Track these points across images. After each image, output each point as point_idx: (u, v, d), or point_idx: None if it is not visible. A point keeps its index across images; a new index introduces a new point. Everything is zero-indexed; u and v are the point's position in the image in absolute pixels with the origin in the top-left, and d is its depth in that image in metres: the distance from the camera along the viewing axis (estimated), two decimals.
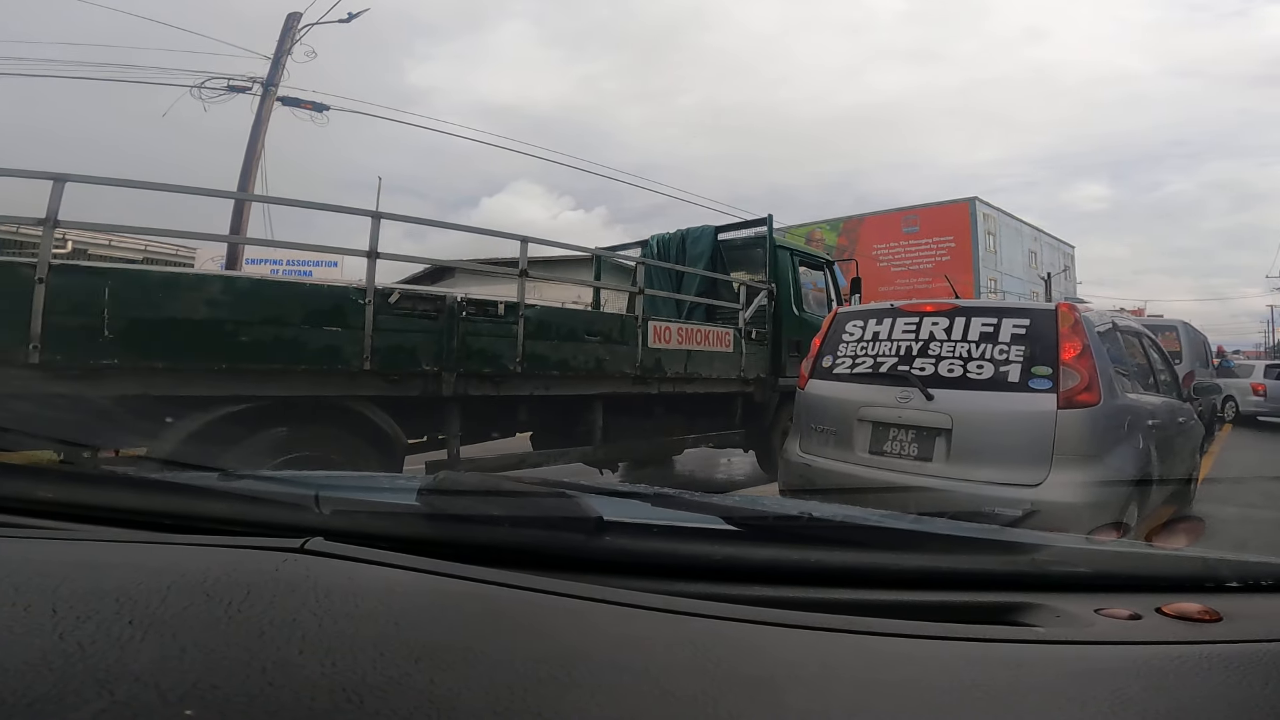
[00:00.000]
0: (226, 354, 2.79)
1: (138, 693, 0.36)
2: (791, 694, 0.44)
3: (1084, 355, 2.72)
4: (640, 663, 0.46)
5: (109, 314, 2.55)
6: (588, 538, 0.67)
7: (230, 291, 2.89)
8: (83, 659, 0.38)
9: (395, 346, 3.25)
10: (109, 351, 2.55)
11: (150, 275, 2.95)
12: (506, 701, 0.39)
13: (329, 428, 3.12)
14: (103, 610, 0.44)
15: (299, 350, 2.97)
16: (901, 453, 2.96)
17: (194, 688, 0.37)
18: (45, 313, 2.43)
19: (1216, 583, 0.70)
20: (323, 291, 3.16)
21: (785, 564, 0.68)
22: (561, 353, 3.92)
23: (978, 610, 0.62)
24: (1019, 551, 0.78)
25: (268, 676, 0.38)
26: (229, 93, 9.85)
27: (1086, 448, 2.64)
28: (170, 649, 0.41)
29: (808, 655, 0.50)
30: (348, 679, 0.39)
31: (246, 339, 2.83)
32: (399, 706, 0.36)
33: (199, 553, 0.62)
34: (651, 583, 0.61)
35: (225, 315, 2.80)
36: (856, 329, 3.35)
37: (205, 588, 0.50)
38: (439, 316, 3.40)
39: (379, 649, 0.42)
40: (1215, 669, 0.51)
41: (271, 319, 2.93)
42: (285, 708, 0.36)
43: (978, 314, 3.00)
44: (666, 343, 4.49)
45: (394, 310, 3.25)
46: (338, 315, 3.09)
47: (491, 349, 3.60)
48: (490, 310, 3.61)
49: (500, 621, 0.51)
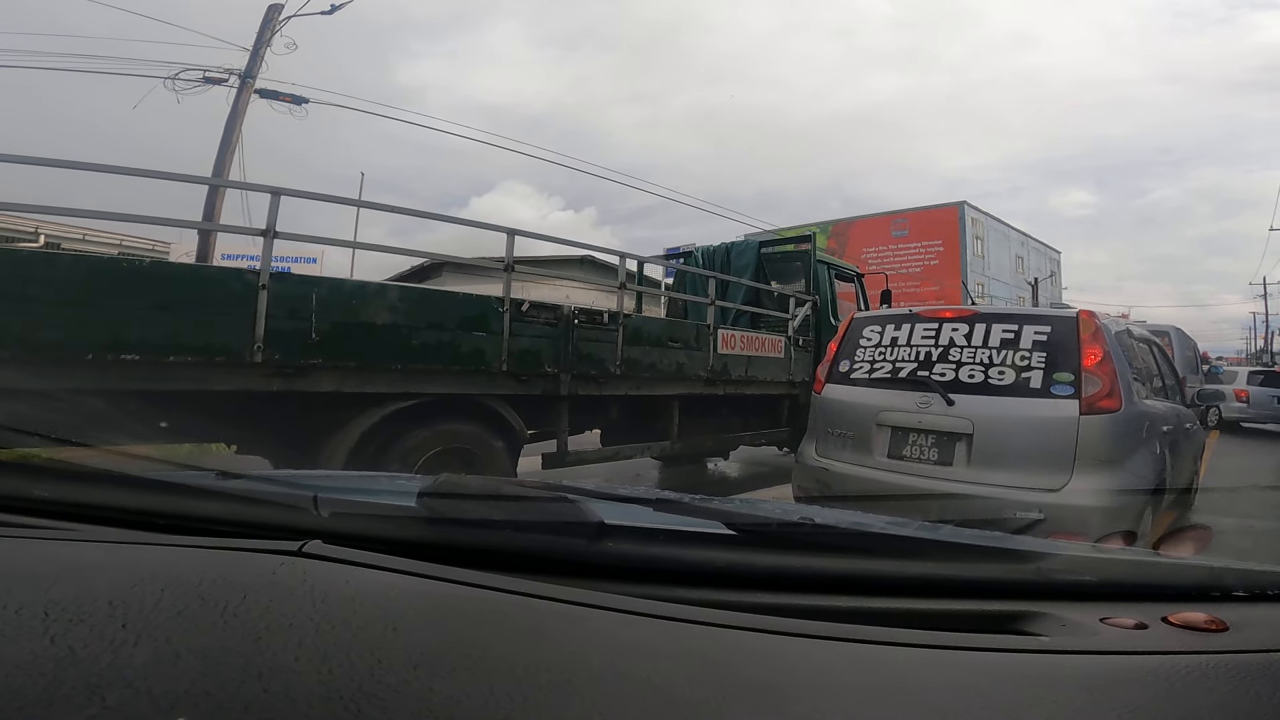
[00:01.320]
0: (400, 355, 3.25)
1: (129, 699, 0.36)
2: (794, 702, 0.44)
3: (1105, 361, 2.80)
4: (642, 670, 0.46)
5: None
6: (589, 543, 0.67)
7: (405, 300, 3.35)
8: (74, 663, 0.38)
9: (525, 350, 3.73)
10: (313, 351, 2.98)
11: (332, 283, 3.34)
12: (506, 709, 0.39)
13: (467, 423, 3.58)
14: (96, 613, 0.44)
15: (454, 353, 3.44)
16: (921, 457, 3.01)
17: (187, 694, 0.36)
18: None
19: (1223, 592, 0.70)
20: (472, 300, 3.62)
21: (788, 571, 0.68)
22: (651, 357, 4.43)
23: (982, 619, 0.62)
24: (1024, 559, 0.78)
25: (263, 683, 0.38)
26: (204, 84, 9.73)
27: (1108, 453, 2.72)
28: (164, 653, 0.40)
29: (811, 663, 0.50)
30: (344, 686, 0.39)
31: (417, 343, 3.30)
32: (396, 714, 0.37)
33: (195, 555, 0.62)
34: (653, 589, 0.61)
35: (400, 320, 3.26)
36: (874, 334, 3.41)
37: (200, 591, 0.50)
38: (558, 324, 3.88)
39: (376, 655, 0.42)
40: (1222, 679, 0.51)
41: (433, 324, 3.39)
42: (280, 715, 0.36)
43: (998, 320, 3.06)
44: (732, 349, 5.02)
45: (525, 318, 3.73)
46: (482, 322, 3.57)
47: (597, 353, 4.09)
48: (597, 319, 4.10)
49: (500, 627, 0.51)
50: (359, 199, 3.73)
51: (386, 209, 4.20)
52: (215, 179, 8.43)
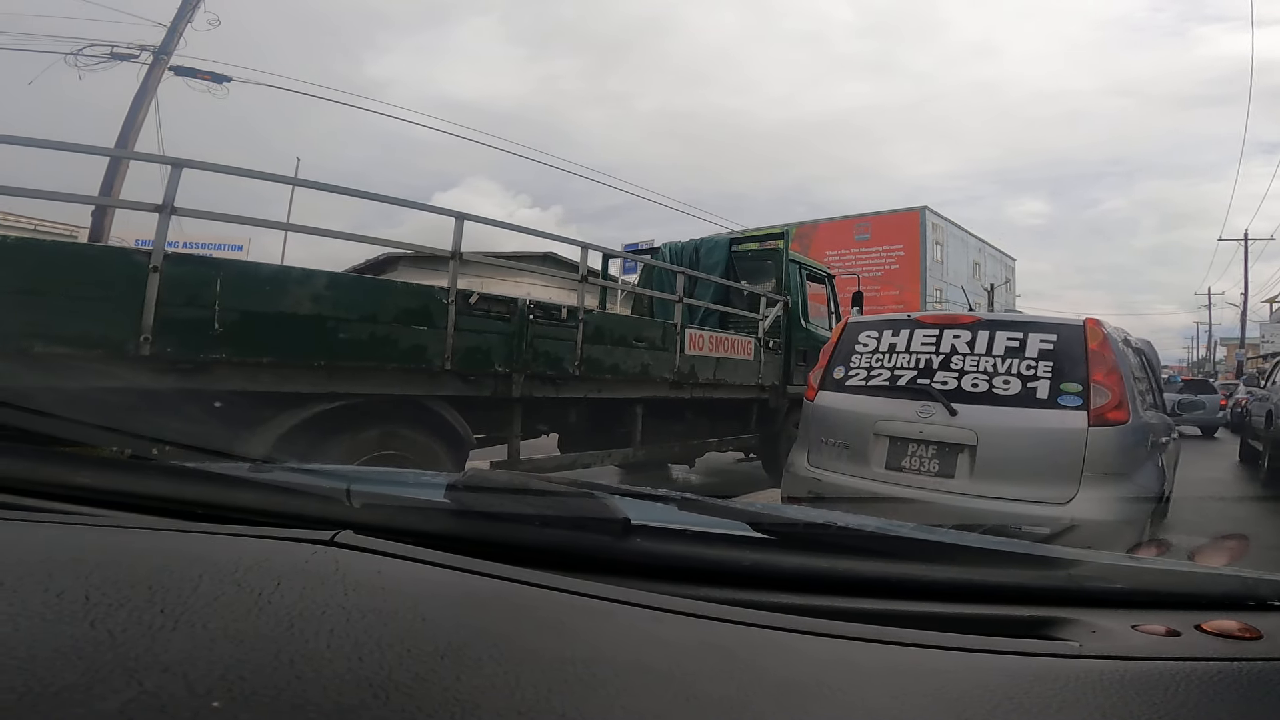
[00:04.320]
0: (325, 352, 2.83)
1: (166, 683, 0.36)
2: (819, 702, 0.44)
3: (1113, 372, 2.73)
4: (666, 666, 0.46)
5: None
6: (615, 539, 0.67)
7: (333, 288, 2.92)
8: (113, 648, 0.38)
9: (473, 348, 3.34)
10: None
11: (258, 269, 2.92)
12: (531, 701, 0.39)
13: (404, 428, 3.17)
14: (135, 598, 0.44)
15: (390, 349, 3.03)
16: (921, 469, 2.88)
17: (222, 679, 0.37)
18: None
19: (1258, 601, 0.68)
20: (412, 291, 3.21)
21: (813, 572, 0.68)
22: (614, 357, 4.07)
23: (1010, 624, 0.61)
24: (1054, 566, 0.77)
25: (295, 669, 0.39)
26: (111, 60, 9.16)
27: (1116, 465, 2.65)
28: (200, 639, 0.41)
29: (836, 663, 0.50)
30: (374, 674, 0.39)
31: (346, 337, 2.88)
32: (424, 703, 0.37)
33: (231, 542, 0.62)
34: (678, 587, 0.61)
35: (326, 312, 2.84)
36: (870, 340, 3.25)
37: (236, 577, 0.50)
38: (512, 319, 3.50)
39: (405, 645, 0.43)
40: (1255, 685, 0.51)
41: (366, 317, 2.97)
42: (311, 702, 0.36)
43: (1002, 328, 2.95)
44: (700, 349, 4.70)
45: (473, 311, 3.33)
46: (424, 315, 3.16)
47: (555, 352, 3.72)
48: (555, 315, 3.73)
49: (526, 621, 0.51)
50: (264, 172, 3.24)
51: (299, 183, 3.65)
52: (108, 149, 7.24)
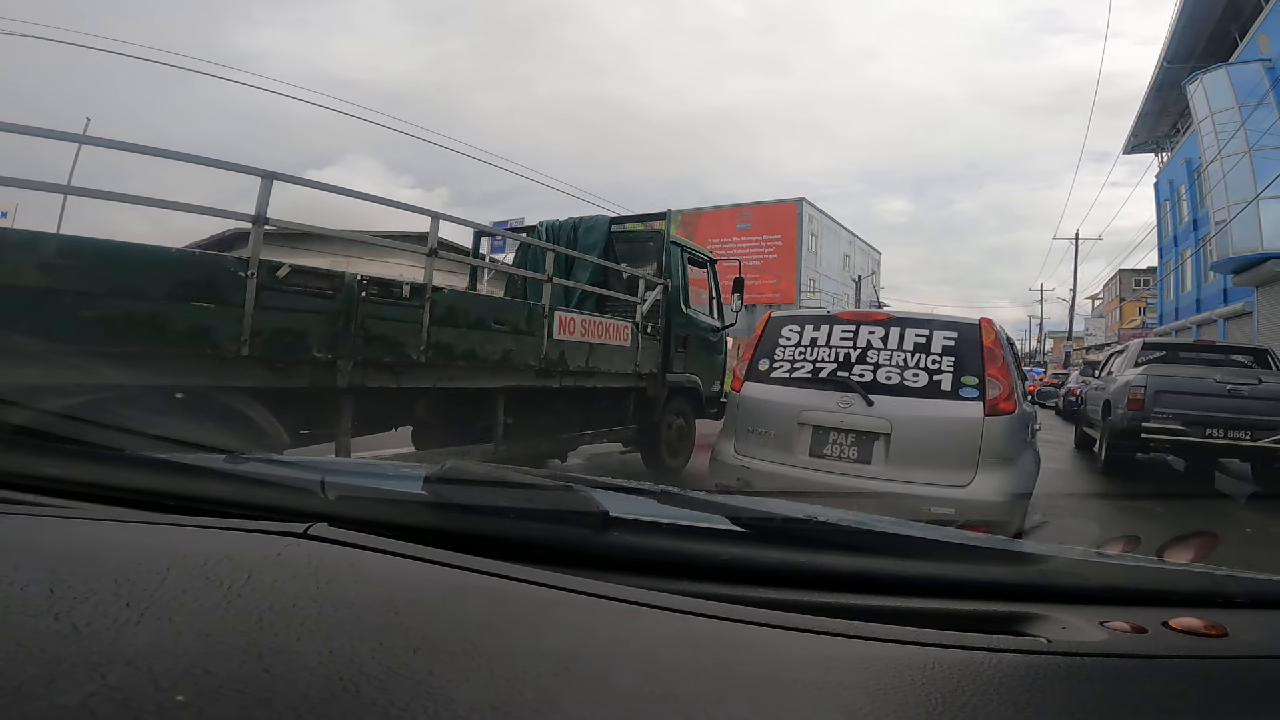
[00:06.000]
0: (68, 334, 2.16)
1: (130, 677, 0.35)
2: (794, 697, 0.44)
3: (1004, 366, 2.99)
4: (642, 661, 0.46)
5: None
6: (593, 533, 0.67)
7: (75, 256, 2.22)
8: (77, 641, 0.38)
9: (282, 329, 2.74)
10: None
11: None
12: (505, 696, 0.38)
13: (185, 423, 2.53)
14: (100, 591, 0.44)
15: (160, 330, 2.38)
16: (842, 455, 3.05)
17: (187, 672, 0.36)
18: None
19: (1224, 599, 0.69)
20: (194, 260, 2.56)
21: (791, 567, 0.68)
22: (469, 342, 3.58)
23: (983, 619, 0.62)
24: (1026, 562, 0.78)
25: (264, 663, 0.38)
26: None
27: (1005, 451, 2.91)
28: (166, 632, 0.40)
29: (812, 659, 0.50)
30: (345, 668, 0.38)
31: (96, 315, 2.21)
32: (396, 697, 0.36)
33: (201, 535, 0.61)
34: (656, 581, 0.61)
35: (69, 285, 2.16)
36: (793, 334, 3.40)
37: (205, 571, 0.49)
38: (335, 296, 2.92)
39: (378, 638, 0.42)
40: (1220, 683, 0.52)
41: (126, 292, 2.31)
42: (279, 695, 0.35)
43: (911, 325, 3.17)
44: (570, 334, 4.30)
45: (282, 287, 2.73)
46: (210, 290, 2.52)
47: (395, 336, 3.18)
48: (394, 292, 3.18)
49: (502, 615, 0.51)
50: (42, 127, 2.48)
51: (90, 141, 2.89)
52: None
